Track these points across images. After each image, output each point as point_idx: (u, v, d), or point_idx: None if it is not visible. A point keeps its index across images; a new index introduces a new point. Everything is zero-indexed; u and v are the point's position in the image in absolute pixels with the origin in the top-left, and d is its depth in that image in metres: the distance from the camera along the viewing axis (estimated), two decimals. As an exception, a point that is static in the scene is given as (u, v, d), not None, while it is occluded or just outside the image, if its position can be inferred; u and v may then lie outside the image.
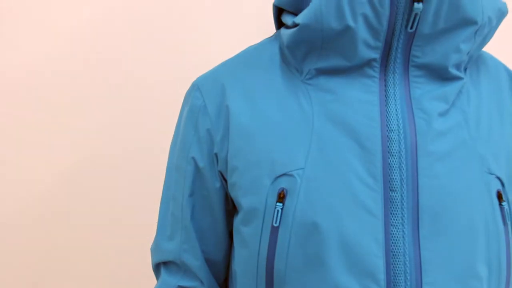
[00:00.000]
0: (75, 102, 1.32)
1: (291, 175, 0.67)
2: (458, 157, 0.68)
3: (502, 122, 0.74)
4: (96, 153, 1.34)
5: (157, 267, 0.84)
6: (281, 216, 0.67)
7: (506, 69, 0.79)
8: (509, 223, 0.71)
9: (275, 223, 0.67)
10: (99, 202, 1.34)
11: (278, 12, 0.79)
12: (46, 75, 1.31)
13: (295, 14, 0.73)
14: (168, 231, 0.80)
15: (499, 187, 0.70)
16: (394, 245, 0.65)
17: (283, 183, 0.67)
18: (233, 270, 0.77)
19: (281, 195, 0.67)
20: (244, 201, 0.70)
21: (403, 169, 0.66)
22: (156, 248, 0.82)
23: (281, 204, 0.67)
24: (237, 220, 0.73)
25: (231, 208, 0.78)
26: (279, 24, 0.81)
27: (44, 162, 1.33)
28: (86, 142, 1.33)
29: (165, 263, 0.82)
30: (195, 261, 0.79)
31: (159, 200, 0.83)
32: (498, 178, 0.70)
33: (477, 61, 0.77)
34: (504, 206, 0.70)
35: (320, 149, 0.67)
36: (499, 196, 0.70)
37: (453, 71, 0.70)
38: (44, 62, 1.31)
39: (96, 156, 1.34)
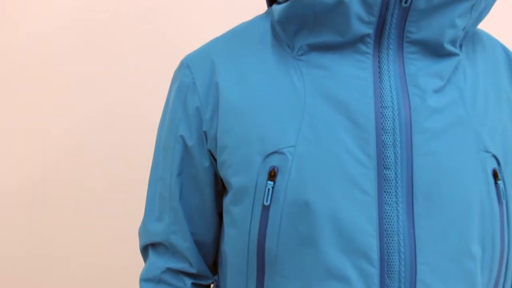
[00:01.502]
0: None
1: (282, 153, 0.65)
2: (453, 135, 0.66)
3: (499, 101, 0.73)
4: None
5: (145, 249, 0.82)
6: (272, 194, 0.65)
7: (503, 48, 0.78)
8: (504, 202, 0.70)
9: (266, 201, 0.65)
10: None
11: None
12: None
13: None
14: (156, 213, 0.79)
15: (495, 165, 0.69)
16: (388, 224, 0.64)
17: (274, 161, 0.66)
18: (223, 251, 0.76)
19: (272, 173, 0.65)
20: (234, 180, 0.68)
21: (397, 147, 0.65)
22: (144, 230, 0.81)
23: (272, 183, 0.65)
24: (226, 200, 0.71)
25: (220, 189, 0.76)
26: (271, 1, 0.79)
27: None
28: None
29: (153, 245, 0.80)
30: (183, 243, 0.77)
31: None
32: (494, 156, 0.69)
33: (473, 38, 0.75)
34: (500, 185, 0.69)
35: (312, 126, 0.65)
36: (495, 175, 0.68)
37: (449, 47, 0.68)
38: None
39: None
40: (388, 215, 0.64)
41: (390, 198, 0.64)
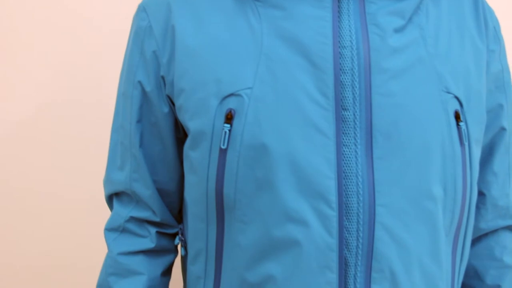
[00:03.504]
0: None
1: (239, 95, 0.64)
2: (414, 75, 0.65)
3: (462, 42, 0.71)
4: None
5: (110, 199, 0.81)
6: (229, 137, 0.64)
7: None
8: (466, 144, 0.69)
9: (223, 145, 0.64)
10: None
11: None
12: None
13: None
14: (118, 162, 0.78)
15: (457, 107, 0.68)
16: (346, 166, 0.63)
17: (231, 103, 0.64)
18: (184, 199, 0.75)
19: (229, 116, 0.64)
20: (191, 124, 0.67)
21: (356, 87, 0.63)
22: (107, 179, 0.80)
23: (228, 125, 0.64)
24: (186, 145, 0.70)
25: (181, 136, 0.75)
26: None
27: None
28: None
29: (116, 194, 0.80)
30: (145, 190, 0.76)
31: None
32: (456, 97, 0.68)
33: None
34: (462, 126, 0.68)
35: (269, 68, 0.64)
36: (457, 116, 0.67)
37: None
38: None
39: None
40: (347, 157, 0.63)
41: (349, 139, 0.63)
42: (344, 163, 0.63)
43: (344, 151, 0.63)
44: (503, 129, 0.79)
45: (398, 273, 0.65)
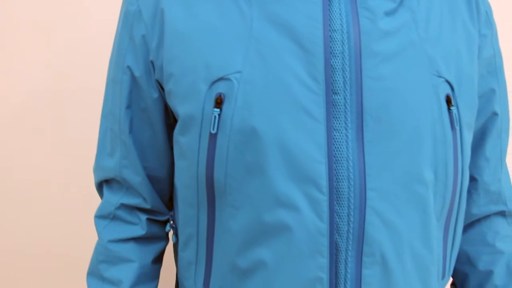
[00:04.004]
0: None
1: (228, 79, 0.63)
2: (405, 58, 0.64)
3: (454, 26, 0.71)
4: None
5: (100, 186, 0.81)
6: (218, 122, 0.64)
7: None
8: (457, 128, 0.69)
9: (213, 130, 0.64)
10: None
11: None
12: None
13: None
14: (108, 148, 0.77)
15: (448, 91, 0.67)
16: (337, 150, 0.63)
17: (221, 87, 0.63)
18: (175, 185, 0.74)
19: (219, 100, 0.63)
20: (181, 109, 0.67)
21: (346, 71, 0.63)
22: (97, 166, 0.79)
23: (218, 110, 0.63)
24: (175, 131, 0.69)
25: (171, 122, 0.74)
26: None
27: None
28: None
29: (106, 181, 0.79)
30: (135, 177, 0.75)
31: None
32: (448, 81, 0.67)
33: None
34: (453, 110, 0.67)
35: (259, 52, 0.63)
36: (448, 100, 0.67)
37: None
38: None
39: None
40: (337, 141, 0.63)
41: (339, 123, 0.63)
42: (335, 147, 0.63)
43: (334, 135, 0.63)
44: (495, 114, 0.78)
45: (389, 257, 0.65)
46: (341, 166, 0.63)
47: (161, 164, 0.76)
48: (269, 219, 0.63)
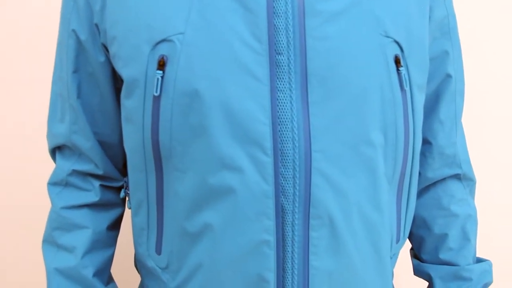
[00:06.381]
0: None
1: (171, 41, 0.62)
2: (350, 17, 0.63)
3: None
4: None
5: (53, 153, 0.80)
6: (161, 84, 0.63)
7: None
8: (407, 89, 0.68)
9: (156, 92, 0.63)
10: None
11: None
12: None
13: None
14: (59, 114, 0.76)
15: (397, 51, 0.66)
16: (281, 111, 0.62)
17: (163, 49, 0.62)
18: (125, 151, 0.74)
19: (161, 63, 0.62)
20: (124, 72, 0.65)
21: (290, 31, 0.62)
22: (49, 133, 0.78)
23: (161, 72, 0.62)
24: (122, 95, 0.68)
25: (120, 86, 0.73)
26: None
27: None
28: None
29: (59, 148, 0.78)
30: (86, 142, 0.75)
31: None
32: (396, 42, 0.66)
33: None
34: (402, 71, 0.66)
35: (201, 13, 0.62)
36: (397, 61, 0.66)
37: None
38: None
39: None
40: (281, 102, 0.62)
41: (283, 84, 0.62)
42: (279, 108, 0.62)
43: (278, 96, 0.62)
44: (448, 76, 0.78)
45: (336, 220, 0.65)
46: (286, 127, 0.62)
47: (112, 130, 0.76)
48: (214, 181, 0.63)
